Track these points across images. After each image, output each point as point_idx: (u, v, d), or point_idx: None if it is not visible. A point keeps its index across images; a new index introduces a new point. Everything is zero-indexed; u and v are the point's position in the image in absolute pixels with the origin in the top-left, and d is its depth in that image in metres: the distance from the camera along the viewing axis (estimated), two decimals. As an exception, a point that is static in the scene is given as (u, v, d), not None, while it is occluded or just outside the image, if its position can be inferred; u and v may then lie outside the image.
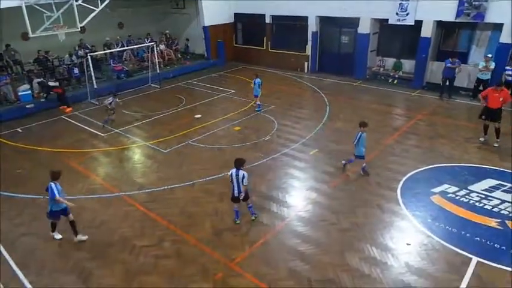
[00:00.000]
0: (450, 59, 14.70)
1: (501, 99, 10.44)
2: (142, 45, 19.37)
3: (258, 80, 13.74)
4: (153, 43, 18.57)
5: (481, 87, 14.40)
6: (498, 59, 14.28)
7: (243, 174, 7.18)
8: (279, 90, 16.82)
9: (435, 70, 16.22)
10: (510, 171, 9.32)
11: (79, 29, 14.34)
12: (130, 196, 8.82)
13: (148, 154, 11.06)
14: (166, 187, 9.13)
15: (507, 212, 7.74)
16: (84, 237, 7.38)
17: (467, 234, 7.17)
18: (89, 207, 8.47)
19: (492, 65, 14.11)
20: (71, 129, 13.10)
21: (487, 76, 14.28)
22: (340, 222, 7.70)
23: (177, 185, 9.19)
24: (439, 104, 14.51)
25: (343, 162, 9.64)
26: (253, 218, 7.81)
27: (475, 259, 6.55)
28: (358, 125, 9.18)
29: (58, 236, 7.46)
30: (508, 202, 8.05)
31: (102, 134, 12.46)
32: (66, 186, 9.25)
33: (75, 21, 13.82)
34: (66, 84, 16.45)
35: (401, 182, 9.01)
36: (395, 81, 17.35)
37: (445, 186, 8.69)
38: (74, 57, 17.65)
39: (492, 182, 8.79)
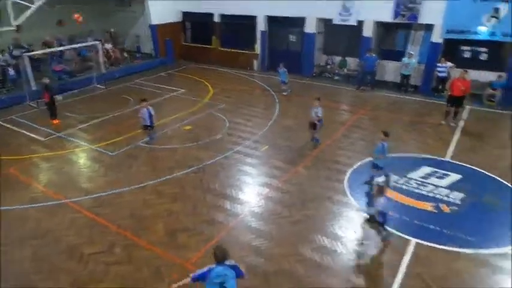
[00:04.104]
0: (368, 54, 16.14)
1: (462, 88, 11.96)
2: (84, 44, 18.45)
3: (283, 70, 15.69)
4: (97, 42, 17.78)
5: (404, 82, 16.02)
6: (430, 57, 15.52)
7: (151, 109, 10.59)
8: (230, 88, 16.88)
9: (377, 67, 17.18)
10: (443, 159, 10.18)
11: (14, 28, 13.37)
12: (76, 202, 8.42)
13: (94, 158, 10.61)
14: (114, 191, 8.84)
15: (441, 196, 8.45)
16: None
17: (407, 218, 7.73)
18: (31, 217, 7.97)
19: (412, 62, 15.52)
20: (7, 134, 12.19)
21: (409, 72, 15.81)
22: (293, 215, 7.94)
23: (126, 188, 8.92)
24: (381, 99, 15.40)
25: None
26: (152, 142, 10.93)
27: (413, 240, 7.09)
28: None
29: None
30: (442, 187, 8.79)
31: (43, 139, 11.74)
32: (5, 196, 8.71)
33: (9, 19, 12.87)
34: (1, 87, 15.26)
35: (348, 174, 9.47)
36: (337, 78, 18.15)
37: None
38: (6, 55, 16.37)
39: (428, 170, 9.53)
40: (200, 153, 10.66)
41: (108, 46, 19.80)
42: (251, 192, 8.90)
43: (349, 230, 7.51)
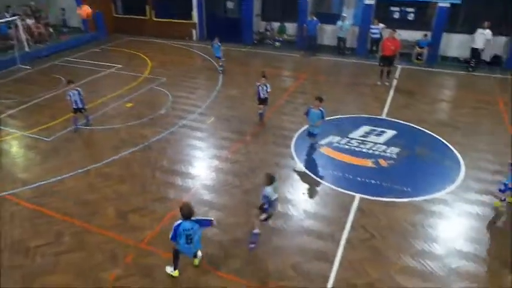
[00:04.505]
0: (309, 18, 16.24)
1: (392, 47, 12.57)
2: (0, 20, 16.52)
3: (217, 44, 14.35)
4: (15, 17, 16.02)
5: (341, 45, 16.36)
6: (363, 19, 16.05)
7: (80, 90, 10.11)
8: (169, 61, 16.30)
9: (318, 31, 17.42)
10: (379, 117, 10.85)
11: None
12: (14, 195, 7.85)
13: (28, 145, 9.86)
14: (56, 178, 8.36)
15: (379, 152, 9.10)
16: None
17: (350, 176, 8.27)
18: (-38, 216, 7.35)
19: (346, 24, 15.93)
20: None
21: (344, 34, 16.27)
22: (243, 184, 8.11)
23: (68, 174, 8.48)
24: (321, 63, 15.80)
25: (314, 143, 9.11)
26: (90, 122, 10.53)
27: (357, 196, 7.62)
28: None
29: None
30: (379, 144, 9.44)
31: (-35, 129, 10.64)
32: None
33: None
34: None
35: (294, 139, 9.78)
36: (278, 44, 18.16)
37: (331, 137, 9.72)
38: None
39: (367, 129, 10.14)
40: (145, 130, 10.34)
41: (30, 21, 17.96)
42: (201, 166, 8.90)
43: (298, 192, 7.88)
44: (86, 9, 10.53)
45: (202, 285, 5.81)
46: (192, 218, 5.47)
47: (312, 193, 7.86)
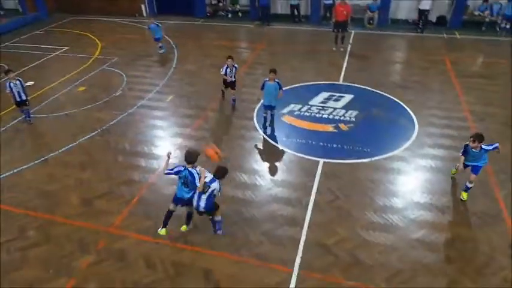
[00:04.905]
0: None
1: (345, 12, 12.76)
2: None
3: (153, 25, 13.57)
4: None
5: (295, 12, 16.43)
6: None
7: (22, 81, 9.30)
8: (120, 39, 15.54)
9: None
10: (337, 82, 11.10)
11: None
12: (-34, 193, 7.42)
13: (-25, 140, 9.23)
14: (11, 172, 7.93)
15: (338, 117, 9.39)
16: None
17: (313, 142, 8.51)
18: None
19: None
20: None
21: (296, 1, 16.28)
22: (209, 160, 8.08)
23: (24, 166, 8.07)
24: (276, 33, 15.73)
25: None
26: (29, 120, 9.60)
27: (321, 160, 7.89)
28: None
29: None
30: (339, 108, 9.72)
31: None
32: None
33: None
34: None
35: (255, 111, 9.83)
36: (231, 15, 17.80)
37: (292, 105, 9.87)
38: None
39: (325, 95, 10.38)
40: (101, 114, 9.96)
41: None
42: (164, 145, 8.77)
43: (264, 162, 8.02)
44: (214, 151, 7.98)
45: (178, 261, 5.87)
46: (191, 170, 5.81)
47: (277, 162, 8.04)
